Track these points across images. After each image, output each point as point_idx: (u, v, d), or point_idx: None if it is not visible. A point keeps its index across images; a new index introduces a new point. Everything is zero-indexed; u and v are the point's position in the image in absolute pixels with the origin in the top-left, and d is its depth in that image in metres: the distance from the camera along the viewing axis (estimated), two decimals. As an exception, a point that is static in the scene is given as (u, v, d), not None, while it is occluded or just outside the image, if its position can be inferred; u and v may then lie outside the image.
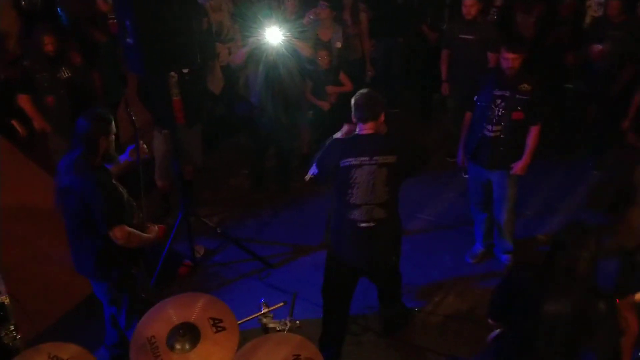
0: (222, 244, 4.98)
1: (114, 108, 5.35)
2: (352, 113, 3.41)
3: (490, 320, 2.87)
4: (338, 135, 3.52)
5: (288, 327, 2.94)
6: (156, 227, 3.40)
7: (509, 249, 4.63)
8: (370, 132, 3.36)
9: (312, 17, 5.78)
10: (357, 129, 3.41)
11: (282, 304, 3.10)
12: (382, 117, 3.41)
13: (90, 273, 3.33)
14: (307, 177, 3.50)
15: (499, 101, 4.17)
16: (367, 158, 3.26)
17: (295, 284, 4.19)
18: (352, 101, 3.41)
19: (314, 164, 3.45)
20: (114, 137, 3.22)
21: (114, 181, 3.17)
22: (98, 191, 3.05)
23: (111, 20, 5.26)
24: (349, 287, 3.66)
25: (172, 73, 4.30)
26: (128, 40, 3.82)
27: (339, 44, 5.98)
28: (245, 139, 6.30)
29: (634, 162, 4.34)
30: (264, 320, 2.99)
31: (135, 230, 3.21)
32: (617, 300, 2.53)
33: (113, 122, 3.20)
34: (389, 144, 3.37)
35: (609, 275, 4.08)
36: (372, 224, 3.32)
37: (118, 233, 3.11)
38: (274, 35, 5.00)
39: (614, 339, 2.47)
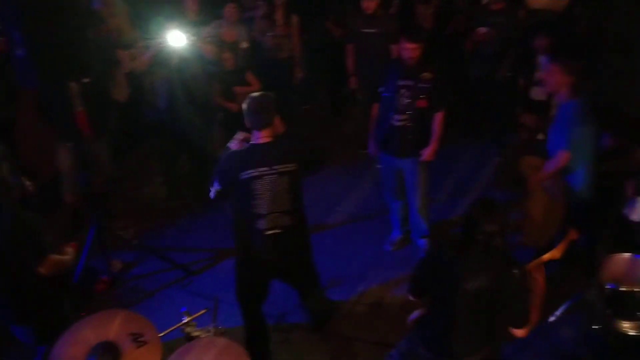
0: (140, 255, 4.84)
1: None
2: (245, 118, 3.33)
3: (410, 297, 2.97)
4: (233, 143, 3.40)
5: (212, 333, 2.90)
6: (69, 247, 3.24)
7: (425, 233, 4.77)
8: (267, 140, 3.30)
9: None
10: (253, 138, 3.33)
11: (204, 311, 3.05)
12: (277, 120, 3.36)
13: (14, 318, 3.11)
14: (212, 193, 3.40)
15: (403, 91, 4.29)
16: (266, 168, 3.22)
17: (219, 289, 4.13)
18: (244, 106, 3.33)
19: (216, 179, 3.37)
20: (8, 163, 3.04)
21: (24, 211, 2.98)
22: (21, 228, 2.89)
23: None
24: (262, 290, 3.65)
25: (73, 84, 4.12)
26: (18, 52, 3.64)
27: (244, 44, 5.95)
28: (157, 145, 6.14)
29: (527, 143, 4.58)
30: (187, 329, 2.94)
31: (59, 257, 3.06)
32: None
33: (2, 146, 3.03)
34: (287, 151, 3.33)
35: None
36: (278, 231, 3.30)
37: (48, 265, 2.96)
38: (176, 38, 4.90)
39: (526, 304, 2.62)
